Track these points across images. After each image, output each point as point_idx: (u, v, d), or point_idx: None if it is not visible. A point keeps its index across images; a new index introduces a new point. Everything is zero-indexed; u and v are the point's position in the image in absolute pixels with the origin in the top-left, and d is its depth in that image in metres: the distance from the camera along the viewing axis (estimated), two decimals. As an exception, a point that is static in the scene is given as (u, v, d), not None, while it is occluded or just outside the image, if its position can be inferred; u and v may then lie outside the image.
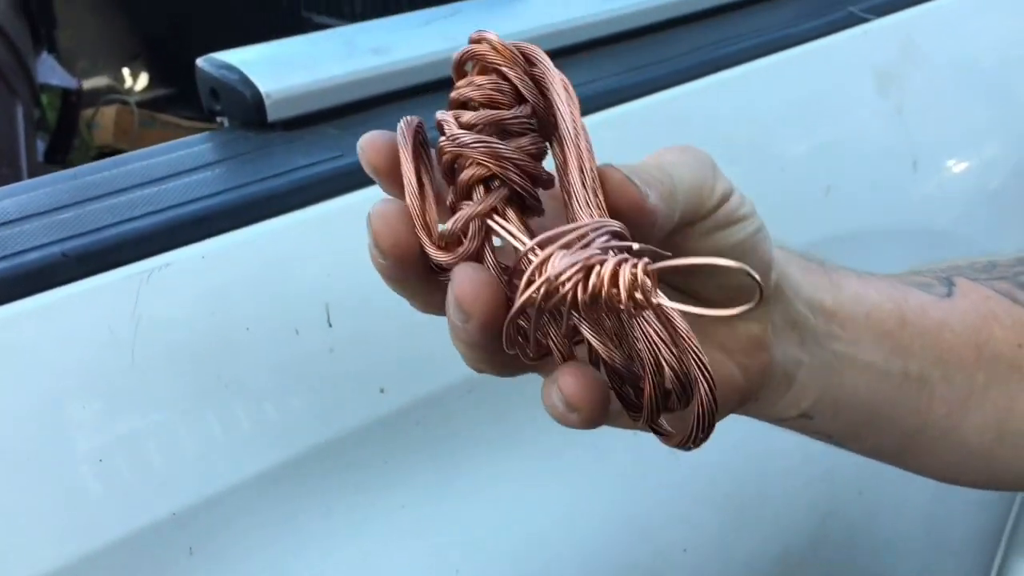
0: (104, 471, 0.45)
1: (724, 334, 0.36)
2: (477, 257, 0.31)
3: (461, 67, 0.32)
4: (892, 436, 0.43)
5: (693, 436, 0.29)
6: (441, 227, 0.32)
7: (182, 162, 0.55)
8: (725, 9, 0.78)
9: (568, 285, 0.26)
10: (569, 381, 0.29)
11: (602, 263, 0.25)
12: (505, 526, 0.57)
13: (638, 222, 0.30)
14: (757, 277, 0.25)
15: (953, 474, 0.46)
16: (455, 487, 0.55)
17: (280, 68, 0.60)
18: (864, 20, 0.78)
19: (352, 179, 0.53)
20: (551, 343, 0.30)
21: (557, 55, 0.71)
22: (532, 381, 0.58)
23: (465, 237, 0.31)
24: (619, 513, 0.62)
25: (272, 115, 0.58)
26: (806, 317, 0.38)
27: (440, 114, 0.32)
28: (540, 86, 0.31)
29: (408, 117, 0.33)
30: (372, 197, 0.53)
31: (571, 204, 0.30)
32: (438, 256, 0.31)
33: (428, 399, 0.54)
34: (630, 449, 0.62)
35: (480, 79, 0.31)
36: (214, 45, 0.63)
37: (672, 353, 0.27)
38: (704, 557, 0.66)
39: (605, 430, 0.61)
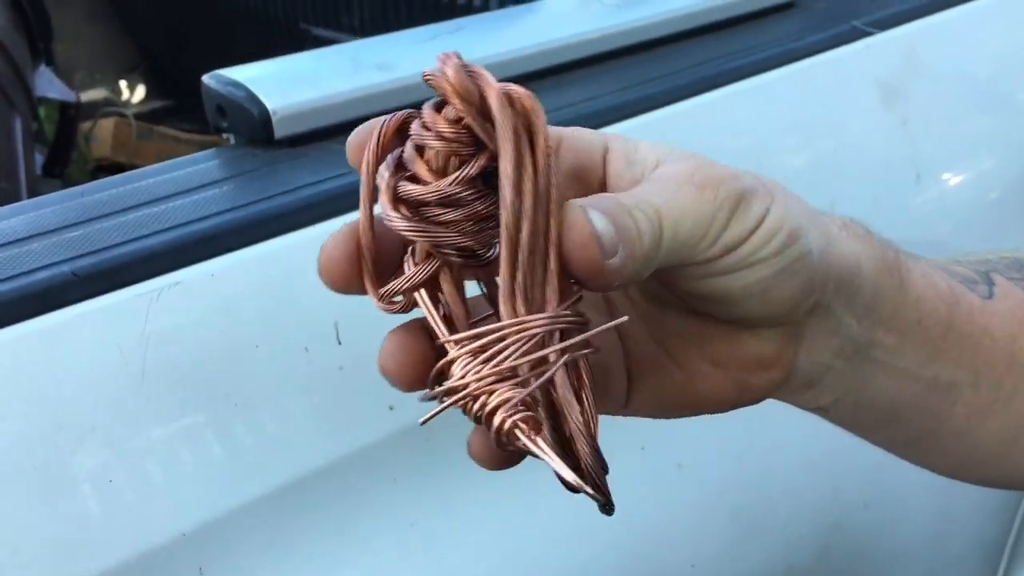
0: (114, 491, 0.45)
1: (723, 351, 0.35)
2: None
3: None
4: (907, 432, 0.42)
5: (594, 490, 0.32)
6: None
7: (190, 179, 0.55)
8: (729, 24, 0.78)
9: (459, 397, 0.29)
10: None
11: (490, 394, 0.29)
12: (513, 543, 0.57)
13: (594, 282, 0.30)
14: None
15: (959, 471, 0.46)
16: (464, 504, 0.55)
17: (286, 85, 0.60)
18: (868, 34, 0.78)
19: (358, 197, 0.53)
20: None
21: (559, 71, 0.71)
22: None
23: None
24: (627, 529, 0.62)
25: (279, 132, 0.58)
26: (850, 327, 0.36)
27: (384, 179, 0.31)
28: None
29: (382, 127, 0.31)
30: (379, 215, 0.53)
31: (505, 282, 0.30)
32: (381, 307, 0.32)
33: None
34: (638, 465, 0.62)
35: (436, 138, 0.30)
36: (212, 57, 0.63)
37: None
38: (712, 572, 0.66)
39: (613, 446, 0.61)
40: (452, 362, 0.29)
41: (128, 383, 0.45)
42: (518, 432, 0.29)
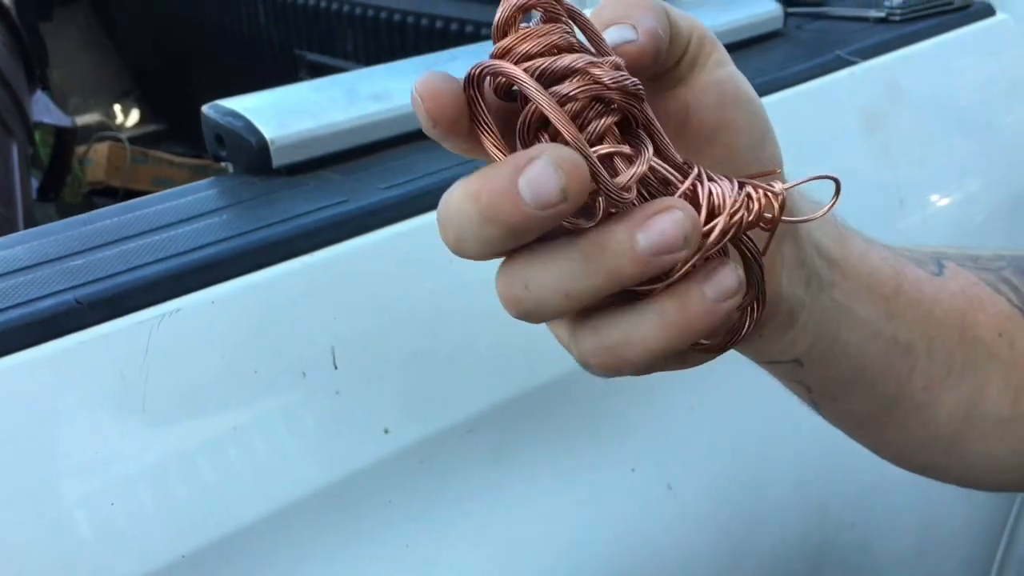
0: (115, 514, 0.46)
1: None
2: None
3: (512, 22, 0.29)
4: (868, 401, 0.43)
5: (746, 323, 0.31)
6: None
7: (189, 208, 0.56)
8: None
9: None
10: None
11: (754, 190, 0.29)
12: (506, 565, 0.58)
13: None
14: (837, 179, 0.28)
15: (912, 453, 0.47)
16: (458, 527, 0.56)
17: (284, 115, 0.61)
18: (851, 63, 0.80)
19: (356, 224, 0.55)
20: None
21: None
22: (533, 426, 0.59)
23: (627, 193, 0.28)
24: (618, 549, 0.63)
25: (277, 161, 0.60)
26: (813, 258, 0.38)
27: (521, 72, 0.28)
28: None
29: (474, 67, 0.28)
30: (376, 242, 0.55)
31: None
32: (613, 198, 0.28)
33: (432, 439, 0.55)
34: (628, 486, 0.63)
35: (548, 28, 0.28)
36: (206, 81, 0.65)
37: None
38: (702, 592, 0.67)
39: (602, 466, 0.62)
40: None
41: (130, 408, 0.46)
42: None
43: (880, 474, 0.78)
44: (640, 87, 0.29)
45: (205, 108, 0.62)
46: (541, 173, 0.26)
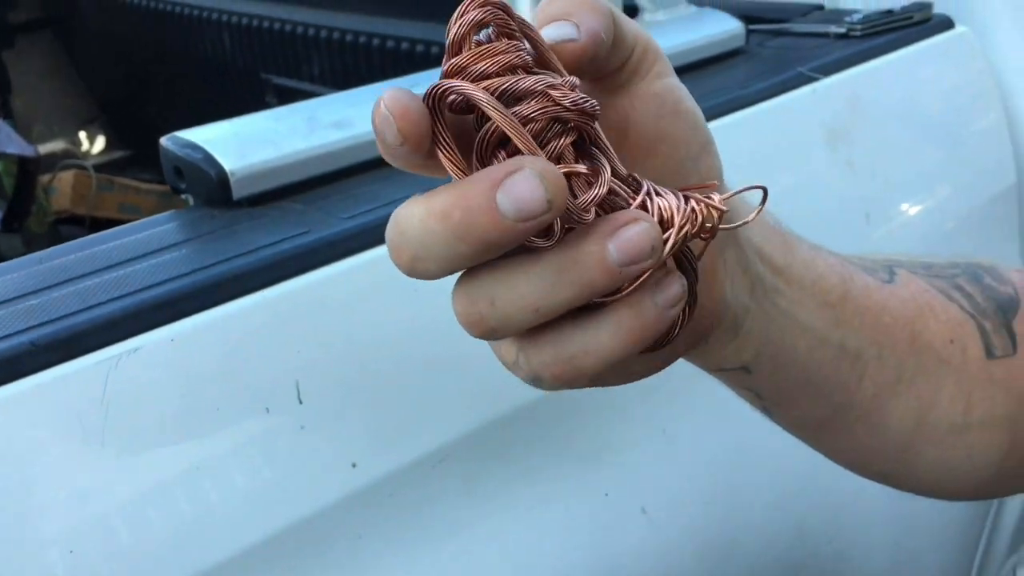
0: (75, 561, 0.45)
1: None
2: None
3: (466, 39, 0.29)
4: (818, 408, 0.43)
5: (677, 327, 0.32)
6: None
7: (149, 243, 0.55)
8: (681, 72, 0.80)
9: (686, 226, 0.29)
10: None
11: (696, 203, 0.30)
12: (480, 594, 0.57)
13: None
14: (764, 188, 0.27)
15: (866, 460, 0.47)
16: (430, 559, 0.55)
17: (243, 146, 0.61)
18: (813, 79, 0.80)
19: (318, 255, 0.54)
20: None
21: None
22: (503, 455, 0.58)
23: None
24: (591, 574, 0.62)
25: (237, 192, 0.59)
26: (756, 264, 0.38)
27: (480, 92, 0.28)
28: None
29: (435, 86, 0.28)
30: (338, 273, 0.54)
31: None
32: (569, 222, 0.29)
33: (400, 472, 0.54)
34: (601, 512, 0.62)
35: (503, 46, 0.28)
36: (173, 106, 0.64)
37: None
38: (679, 615, 0.66)
39: (575, 492, 0.61)
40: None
41: (88, 450, 0.45)
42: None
43: (855, 488, 0.78)
44: (597, 107, 0.29)
45: (163, 140, 0.61)
46: (525, 185, 0.26)
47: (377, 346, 0.54)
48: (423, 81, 0.72)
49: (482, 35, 0.29)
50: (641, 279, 0.29)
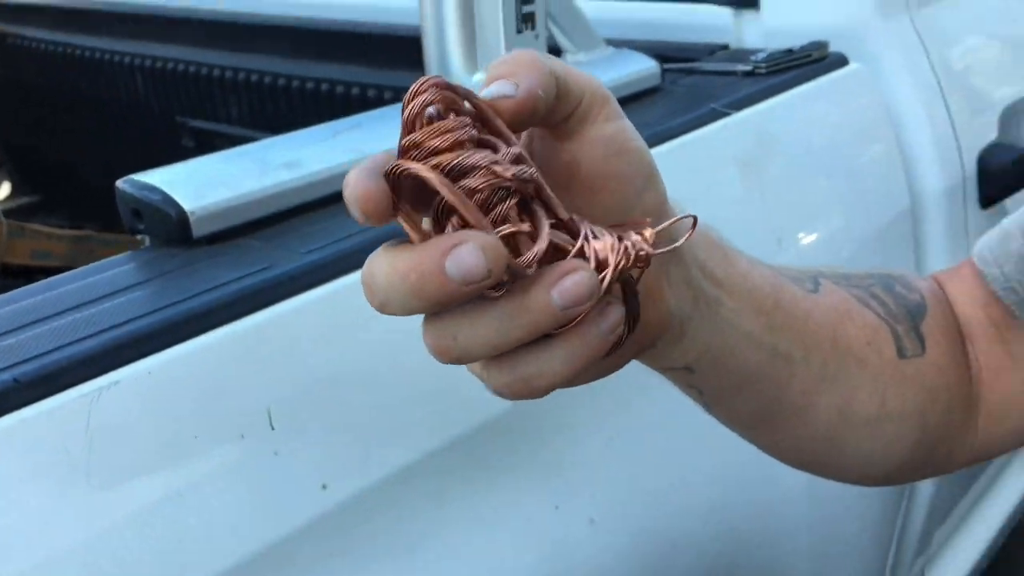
0: (65, 589, 0.46)
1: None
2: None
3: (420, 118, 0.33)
4: (754, 403, 0.49)
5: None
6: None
7: (114, 282, 0.57)
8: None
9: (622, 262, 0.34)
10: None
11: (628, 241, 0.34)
12: (443, 607, 0.60)
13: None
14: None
15: (798, 450, 0.52)
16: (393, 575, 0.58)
17: (200, 186, 0.63)
18: (725, 115, 0.86)
19: (283, 289, 0.57)
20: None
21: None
22: (465, 471, 0.62)
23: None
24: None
25: (197, 231, 0.61)
26: (698, 278, 0.43)
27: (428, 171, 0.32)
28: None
29: (394, 167, 0.32)
30: (302, 305, 0.57)
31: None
32: (508, 273, 0.33)
33: (368, 491, 0.57)
34: (551, 522, 0.66)
35: (450, 125, 0.32)
36: (83, 150, 0.66)
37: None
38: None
39: (528, 505, 0.65)
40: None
41: (75, 481, 0.47)
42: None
43: (782, 497, 0.84)
44: (536, 174, 0.33)
45: (120, 183, 0.64)
46: (468, 256, 0.31)
47: (343, 372, 0.57)
48: (364, 123, 0.76)
49: (431, 110, 0.33)
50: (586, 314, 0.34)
